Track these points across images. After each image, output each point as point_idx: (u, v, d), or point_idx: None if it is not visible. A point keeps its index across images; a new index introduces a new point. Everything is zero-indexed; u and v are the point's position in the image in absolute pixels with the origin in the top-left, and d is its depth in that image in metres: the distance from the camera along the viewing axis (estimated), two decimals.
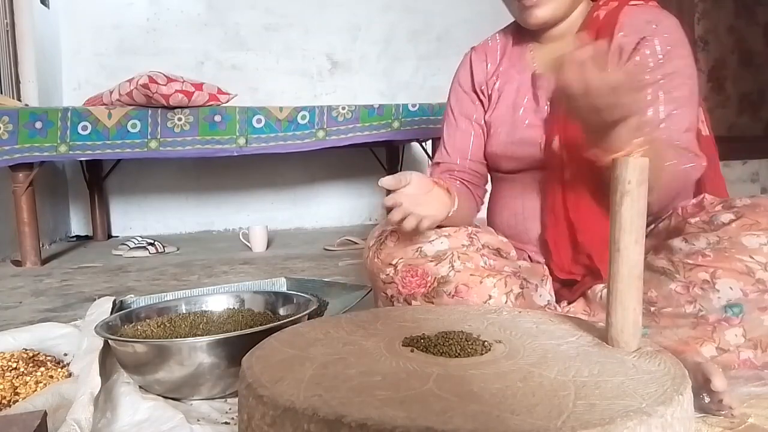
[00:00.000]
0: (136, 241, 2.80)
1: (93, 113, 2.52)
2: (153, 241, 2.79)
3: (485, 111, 1.21)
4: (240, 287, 1.39)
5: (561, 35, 1.13)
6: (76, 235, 3.46)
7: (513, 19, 1.19)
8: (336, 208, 3.83)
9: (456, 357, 0.66)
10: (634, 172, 0.67)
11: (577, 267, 1.08)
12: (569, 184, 1.06)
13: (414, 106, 2.91)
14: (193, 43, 3.58)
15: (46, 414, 0.71)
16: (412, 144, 3.56)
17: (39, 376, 0.97)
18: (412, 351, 0.68)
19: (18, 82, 2.96)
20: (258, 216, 3.56)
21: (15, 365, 1.00)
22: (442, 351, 0.67)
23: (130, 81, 2.54)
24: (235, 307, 1.18)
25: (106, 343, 1.01)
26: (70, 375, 1.00)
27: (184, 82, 2.57)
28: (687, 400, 0.57)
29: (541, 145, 1.10)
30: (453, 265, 1.01)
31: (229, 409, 0.90)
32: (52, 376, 0.98)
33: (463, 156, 1.22)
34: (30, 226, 2.44)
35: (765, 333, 0.87)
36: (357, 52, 3.83)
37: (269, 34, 3.69)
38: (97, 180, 3.40)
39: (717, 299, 0.88)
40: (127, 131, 2.56)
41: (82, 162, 3.25)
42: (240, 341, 0.89)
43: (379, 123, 2.85)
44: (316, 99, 3.69)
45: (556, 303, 1.07)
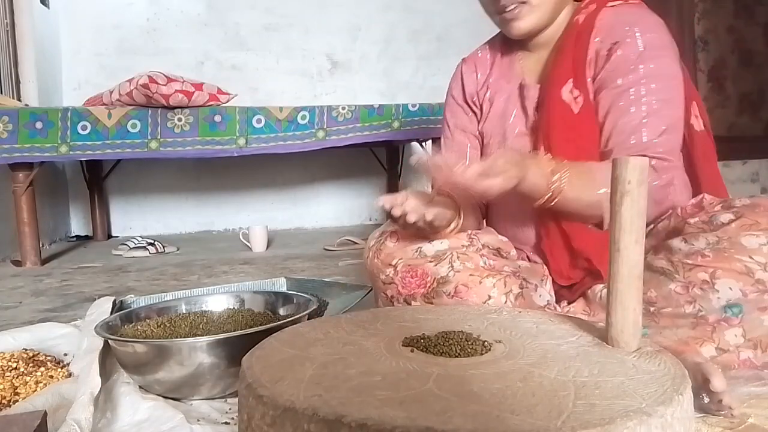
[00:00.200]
0: (136, 241, 2.80)
1: (93, 113, 2.52)
2: (153, 241, 2.80)
3: (479, 121, 1.22)
4: (240, 287, 1.39)
5: (547, 42, 1.14)
6: (76, 235, 3.46)
7: None
8: (336, 208, 3.83)
9: (456, 357, 0.66)
10: (633, 172, 0.67)
11: (575, 272, 1.08)
12: None
13: (414, 106, 2.91)
14: (193, 43, 3.58)
15: (46, 414, 0.71)
16: (412, 144, 3.56)
17: (39, 376, 0.97)
18: (412, 351, 0.68)
19: (18, 82, 2.96)
20: (258, 216, 3.56)
21: (15, 365, 1.00)
22: (442, 351, 0.67)
23: (130, 81, 2.54)
24: (235, 307, 1.19)
25: (106, 343, 1.01)
26: (70, 375, 1.00)
27: (184, 82, 2.57)
28: (687, 400, 0.57)
29: (530, 153, 1.10)
30: (452, 265, 1.01)
31: (229, 409, 0.90)
32: (52, 376, 0.98)
33: None
34: (30, 226, 2.44)
35: (765, 333, 0.87)
36: (357, 52, 3.83)
37: (269, 34, 3.69)
38: (97, 180, 3.40)
39: (716, 299, 0.88)
40: (127, 131, 2.56)
41: (82, 162, 3.25)
42: (240, 341, 0.89)
43: (379, 123, 2.85)
44: (316, 99, 3.68)
45: (555, 303, 1.07)
